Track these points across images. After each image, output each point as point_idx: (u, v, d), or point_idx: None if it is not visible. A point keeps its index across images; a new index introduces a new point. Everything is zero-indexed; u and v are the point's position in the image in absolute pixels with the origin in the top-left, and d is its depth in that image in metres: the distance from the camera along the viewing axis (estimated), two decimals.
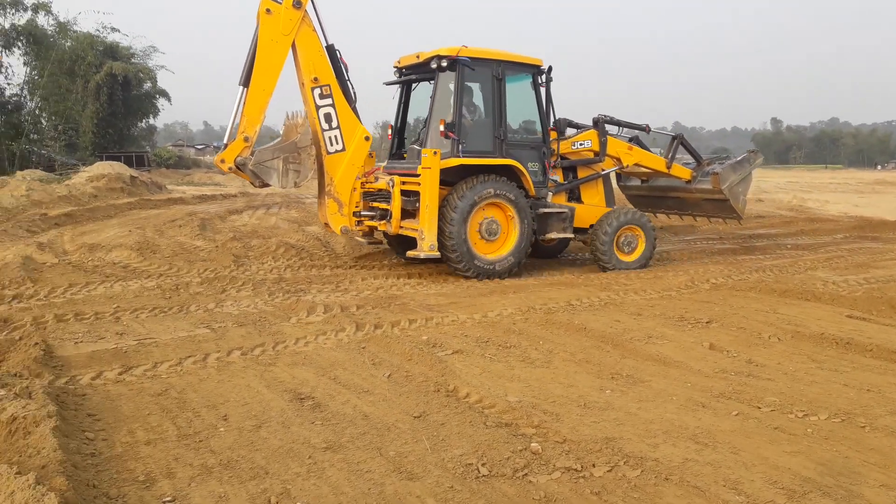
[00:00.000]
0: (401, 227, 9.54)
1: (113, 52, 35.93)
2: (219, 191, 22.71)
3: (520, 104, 10.47)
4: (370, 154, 10.10)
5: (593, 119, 11.31)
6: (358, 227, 9.83)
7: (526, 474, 3.81)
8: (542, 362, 5.81)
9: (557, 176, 10.91)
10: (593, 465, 3.91)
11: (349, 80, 9.74)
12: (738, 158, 12.50)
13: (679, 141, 12.24)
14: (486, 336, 6.53)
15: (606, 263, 10.55)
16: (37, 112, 34.06)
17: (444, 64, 9.50)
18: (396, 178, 9.50)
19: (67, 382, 5.19)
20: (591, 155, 11.20)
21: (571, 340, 6.49)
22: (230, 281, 9.00)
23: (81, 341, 6.26)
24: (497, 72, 9.73)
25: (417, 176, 9.35)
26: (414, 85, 10.93)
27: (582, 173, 11.23)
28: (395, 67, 10.78)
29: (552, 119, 10.58)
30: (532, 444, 4.15)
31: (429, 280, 9.45)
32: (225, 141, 9.34)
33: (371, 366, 5.67)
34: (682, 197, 12.76)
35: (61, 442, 3.81)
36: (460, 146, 9.44)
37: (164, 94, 40.58)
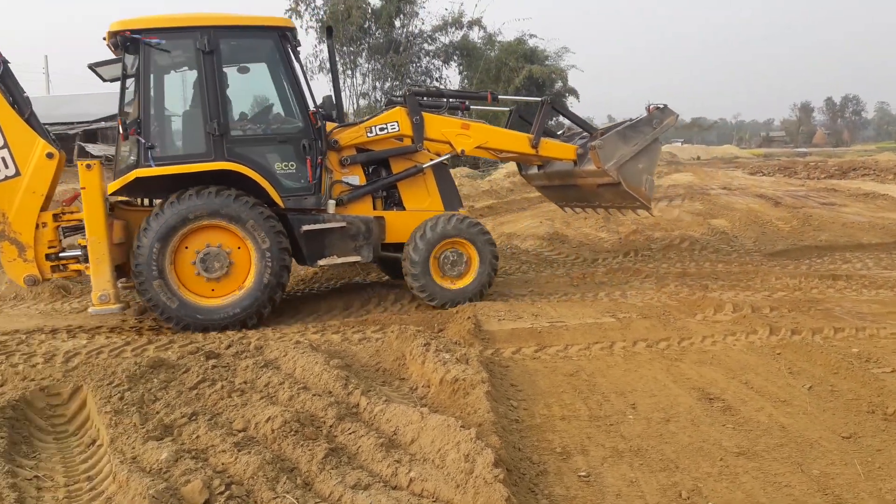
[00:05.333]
0: None
1: (531, 56, 39.14)
2: None
3: (261, 84, 7.74)
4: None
5: (402, 93, 8.12)
6: (57, 274, 7.10)
7: None
8: None
9: (356, 177, 7.83)
10: None
11: (17, 82, 6.96)
12: (633, 120, 8.56)
13: (549, 107, 8.57)
14: None
15: (422, 293, 7.52)
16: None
17: (119, 43, 6.88)
18: None
19: (493, 354, 5.88)
20: (408, 142, 7.99)
21: None
22: (634, 273, 9.14)
23: (503, 319, 7.01)
24: (203, 43, 6.87)
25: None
26: None
27: (398, 168, 8.04)
28: None
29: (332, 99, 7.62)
30: None
31: (859, 283, 8.26)
32: None
33: (788, 374, 5.21)
34: (578, 184, 8.99)
35: (492, 405, 4.36)
36: (149, 151, 6.82)
37: (574, 92, 42.78)
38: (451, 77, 49.53)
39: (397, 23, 34.04)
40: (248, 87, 7.80)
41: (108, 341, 6.33)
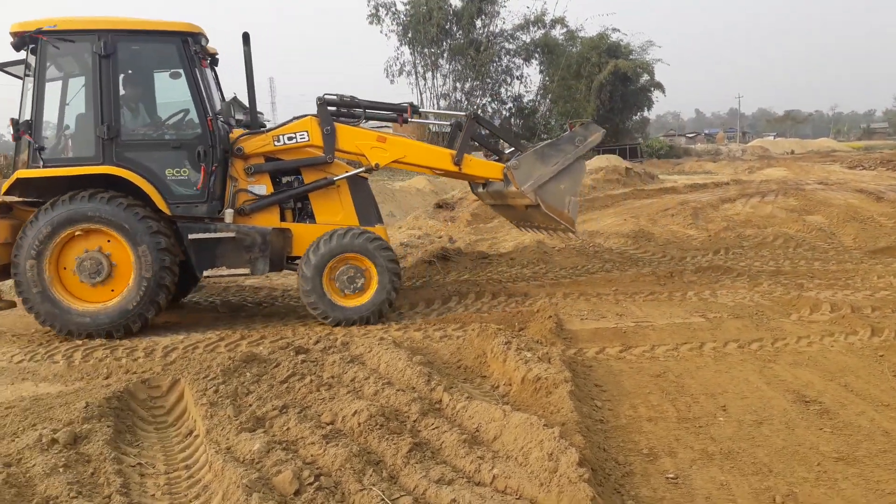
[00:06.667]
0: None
1: (614, 51, 38.42)
2: (710, 179, 22.43)
3: (162, 90, 7.49)
4: None
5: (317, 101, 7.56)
6: None
7: None
8: None
9: (262, 186, 7.40)
10: None
11: None
12: (555, 139, 8.14)
13: (472, 121, 7.91)
14: None
15: (314, 310, 7.04)
16: (547, 114, 38.81)
17: (18, 45, 6.88)
18: None
19: (576, 353, 5.81)
20: (318, 153, 7.49)
21: None
22: (724, 271, 8.83)
23: (586, 318, 6.93)
24: (100, 47, 6.74)
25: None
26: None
27: (310, 179, 7.56)
28: None
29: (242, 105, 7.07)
30: None
31: None
32: None
33: (892, 377, 4.93)
34: (511, 204, 8.39)
35: (576, 405, 4.31)
36: (39, 153, 6.77)
37: (660, 86, 41.75)
38: (532, 75, 49.21)
39: (478, 23, 34.17)
40: (149, 92, 7.64)
41: (203, 336, 6.63)
